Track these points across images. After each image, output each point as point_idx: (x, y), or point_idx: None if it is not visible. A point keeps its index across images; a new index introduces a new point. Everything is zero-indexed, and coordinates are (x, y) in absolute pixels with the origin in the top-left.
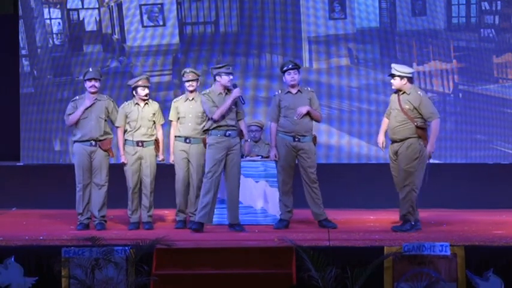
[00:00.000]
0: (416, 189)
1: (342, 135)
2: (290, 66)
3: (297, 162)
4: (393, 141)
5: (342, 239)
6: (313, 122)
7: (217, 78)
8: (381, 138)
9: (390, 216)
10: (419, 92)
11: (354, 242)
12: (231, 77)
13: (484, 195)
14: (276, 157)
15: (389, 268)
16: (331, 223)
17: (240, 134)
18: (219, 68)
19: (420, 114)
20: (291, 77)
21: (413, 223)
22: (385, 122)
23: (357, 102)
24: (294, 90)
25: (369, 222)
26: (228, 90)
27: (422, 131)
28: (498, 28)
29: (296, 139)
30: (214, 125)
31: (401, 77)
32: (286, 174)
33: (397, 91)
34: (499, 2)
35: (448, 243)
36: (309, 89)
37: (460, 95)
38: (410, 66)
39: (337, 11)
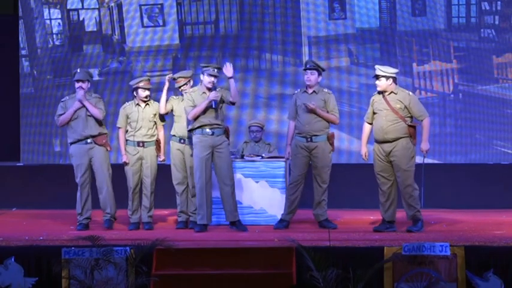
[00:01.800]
0: (416, 187)
1: (342, 135)
2: (307, 66)
3: (311, 163)
4: (383, 142)
5: (342, 239)
6: None
7: (201, 77)
8: (365, 149)
9: None
10: (407, 91)
11: (354, 242)
12: (213, 79)
13: (484, 195)
14: (289, 155)
15: (390, 268)
16: (332, 223)
17: (226, 132)
18: (204, 67)
19: (409, 113)
20: (306, 77)
21: (422, 220)
22: (366, 128)
23: (357, 102)
24: (309, 90)
25: (369, 222)
26: (209, 90)
27: (413, 129)
28: (498, 28)
29: (308, 139)
30: (197, 125)
31: (387, 78)
32: (297, 174)
33: (382, 92)
34: (499, 2)
35: (448, 243)
36: (325, 90)
37: (460, 95)
38: (410, 66)
39: (337, 11)
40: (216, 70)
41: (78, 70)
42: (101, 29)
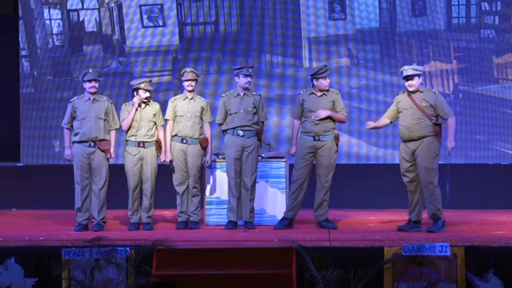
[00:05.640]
0: (438, 185)
1: (342, 137)
2: (327, 72)
3: (314, 162)
4: (409, 140)
5: (342, 240)
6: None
7: (236, 79)
8: (372, 124)
9: (391, 217)
10: (433, 90)
11: (354, 242)
12: (249, 79)
13: (484, 195)
14: (294, 153)
15: (390, 268)
16: (331, 224)
17: (258, 135)
18: (238, 69)
19: (435, 111)
20: (327, 81)
21: (443, 220)
22: (383, 121)
23: (357, 102)
24: (319, 93)
25: (369, 223)
26: (247, 90)
27: (439, 127)
28: (498, 28)
29: (316, 138)
30: (229, 126)
31: (419, 76)
32: (301, 173)
33: (408, 91)
34: (499, 3)
35: (448, 244)
36: (333, 90)
37: (460, 95)
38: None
39: (337, 11)
40: (250, 70)
41: (90, 70)
42: (100, 29)
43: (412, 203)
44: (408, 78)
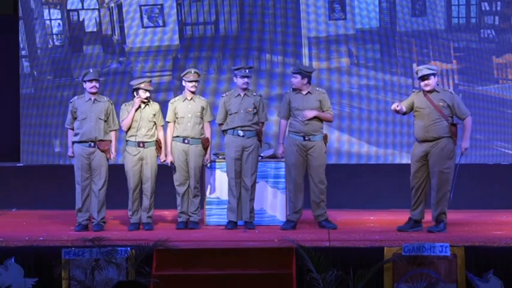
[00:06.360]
0: (450, 188)
1: (342, 137)
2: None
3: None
4: (424, 141)
5: (342, 240)
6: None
7: (234, 79)
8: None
9: (390, 217)
10: (449, 90)
11: (354, 242)
12: (247, 79)
13: (484, 195)
14: (283, 153)
15: (389, 269)
16: (331, 224)
17: (258, 135)
18: (236, 69)
19: (452, 112)
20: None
21: (445, 222)
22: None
23: (357, 101)
24: (304, 92)
25: (369, 223)
26: (247, 90)
27: (455, 128)
28: (498, 28)
29: (306, 138)
30: (229, 126)
31: (435, 75)
32: (296, 173)
33: (423, 91)
34: (499, 3)
35: (448, 244)
36: (319, 89)
37: (460, 95)
38: (411, 66)
39: (337, 10)
40: (248, 71)
41: (91, 70)
42: (100, 29)
43: (415, 202)
44: (424, 78)
